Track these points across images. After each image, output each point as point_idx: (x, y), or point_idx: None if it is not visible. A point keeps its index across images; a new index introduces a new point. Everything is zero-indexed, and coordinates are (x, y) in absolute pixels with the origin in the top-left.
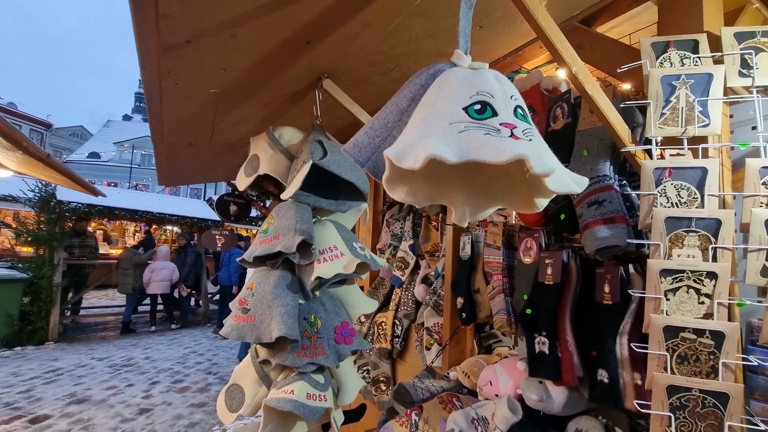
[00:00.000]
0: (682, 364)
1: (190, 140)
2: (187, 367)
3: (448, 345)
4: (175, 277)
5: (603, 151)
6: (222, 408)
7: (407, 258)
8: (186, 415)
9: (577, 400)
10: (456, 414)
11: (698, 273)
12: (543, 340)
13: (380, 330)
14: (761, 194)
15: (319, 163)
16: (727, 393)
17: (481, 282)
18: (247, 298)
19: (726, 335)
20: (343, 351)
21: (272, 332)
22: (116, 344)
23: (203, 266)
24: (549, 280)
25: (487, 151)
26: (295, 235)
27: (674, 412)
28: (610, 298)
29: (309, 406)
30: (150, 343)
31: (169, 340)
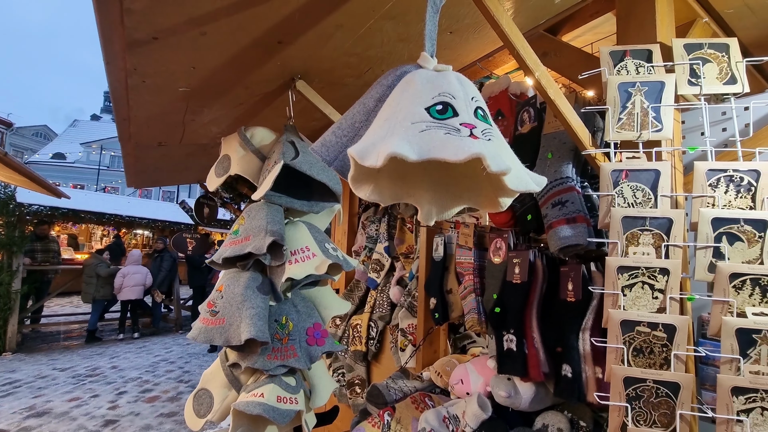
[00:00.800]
0: (637, 356)
1: (159, 140)
2: (157, 375)
3: (421, 345)
4: (148, 282)
5: (566, 154)
6: (190, 414)
7: (382, 260)
8: (155, 426)
9: (543, 396)
10: (428, 413)
11: (652, 269)
12: (511, 337)
13: (355, 332)
14: (708, 195)
15: (291, 164)
16: (679, 383)
17: (453, 282)
18: (215, 300)
19: (677, 328)
20: (314, 353)
21: (241, 334)
22: (80, 354)
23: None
24: (517, 279)
25: (447, 150)
26: (266, 236)
27: (630, 403)
28: (573, 296)
29: (279, 409)
30: (117, 351)
31: (138, 348)
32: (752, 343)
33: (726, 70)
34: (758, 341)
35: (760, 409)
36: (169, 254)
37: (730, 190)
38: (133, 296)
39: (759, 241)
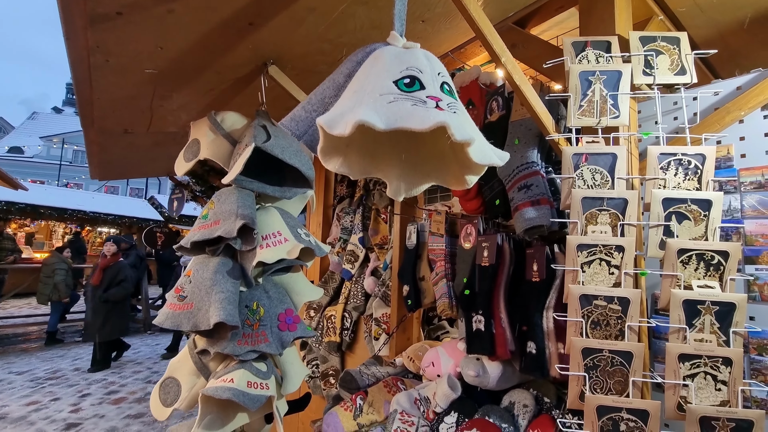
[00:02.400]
0: (595, 329)
1: (125, 127)
2: (124, 377)
3: (395, 333)
4: None
5: (531, 140)
6: (156, 403)
7: (357, 251)
8: (121, 428)
9: (510, 375)
10: (399, 395)
11: (609, 247)
12: (479, 318)
13: (329, 323)
14: (659, 177)
15: (263, 147)
16: (632, 352)
17: (426, 270)
18: (183, 285)
19: (631, 301)
20: (286, 338)
21: (210, 319)
22: (40, 356)
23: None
24: (485, 262)
25: (413, 120)
26: (237, 220)
27: (588, 372)
28: (537, 276)
29: (249, 394)
30: (80, 353)
31: None
32: (697, 313)
33: (677, 62)
34: (702, 311)
35: (704, 373)
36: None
37: (679, 172)
38: None
39: (704, 219)
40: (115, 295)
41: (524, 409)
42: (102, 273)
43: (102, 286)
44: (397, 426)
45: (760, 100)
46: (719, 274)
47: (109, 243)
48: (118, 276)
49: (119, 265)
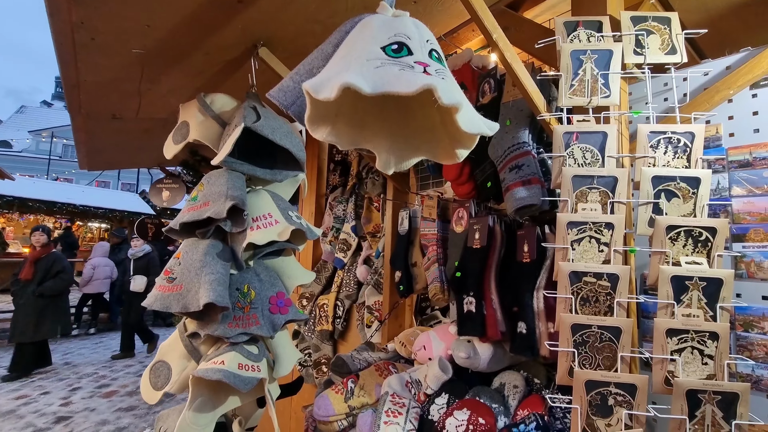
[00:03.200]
0: (584, 305)
1: (113, 112)
2: (115, 371)
3: (387, 320)
4: (114, 275)
5: (523, 121)
6: (146, 387)
7: (349, 240)
8: (112, 420)
9: (501, 356)
10: (390, 378)
11: (598, 224)
12: (471, 300)
13: (322, 312)
14: (649, 156)
15: (252, 127)
16: (620, 327)
17: (418, 255)
18: (173, 267)
19: (620, 277)
20: (278, 321)
21: (200, 300)
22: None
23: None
24: (476, 244)
25: (400, 83)
26: (226, 201)
27: (577, 348)
28: (528, 257)
29: (240, 376)
30: (71, 347)
31: (94, 344)
32: (685, 289)
33: (667, 42)
34: (690, 287)
35: (691, 348)
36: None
37: (668, 151)
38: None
39: (692, 197)
40: (52, 288)
41: (514, 390)
42: (33, 266)
43: (35, 280)
44: (388, 407)
45: (749, 78)
46: (707, 250)
47: (38, 232)
48: (53, 267)
49: (53, 256)
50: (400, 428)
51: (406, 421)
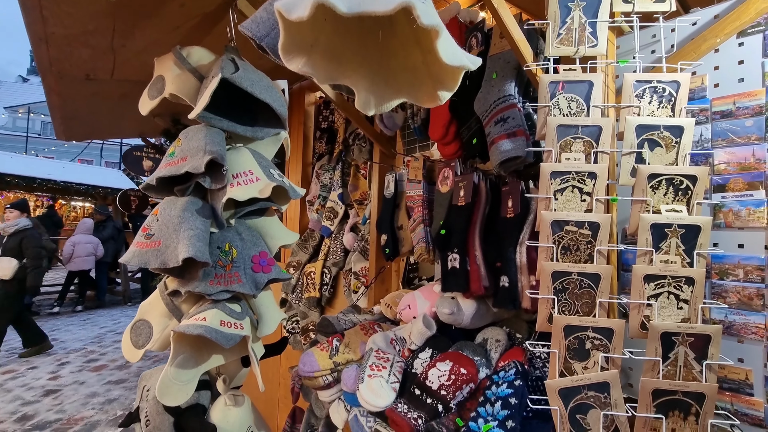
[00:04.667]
0: (565, 254)
1: (87, 72)
2: (104, 346)
3: (373, 284)
4: (99, 252)
5: (509, 73)
6: (127, 345)
7: (336, 208)
8: (102, 393)
9: (484, 313)
10: (375, 336)
11: (581, 174)
12: (455, 256)
13: (309, 280)
14: (634, 105)
15: (230, 78)
16: (600, 274)
17: (404, 219)
18: (151, 224)
19: (601, 225)
20: (260, 279)
21: (179, 255)
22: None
23: (123, 242)
24: (461, 201)
25: (377, 3)
26: (204, 155)
27: (557, 295)
28: (512, 211)
29: (223, 332)
30: (57, 324)
31: (82, 321)
32: (664, 236)
33: None
34: (669, 234)
35: (667, 293)
36: (112, 223)
37: (653, 100)
38: (86, 267)
39: (675, 146)
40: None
41: (496, 344)
42: None
43: None
44: (373, 362)
45: (737, 25)
46: (687, 198)
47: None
48: None
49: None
50: (384, 381)
51: (390, 374)
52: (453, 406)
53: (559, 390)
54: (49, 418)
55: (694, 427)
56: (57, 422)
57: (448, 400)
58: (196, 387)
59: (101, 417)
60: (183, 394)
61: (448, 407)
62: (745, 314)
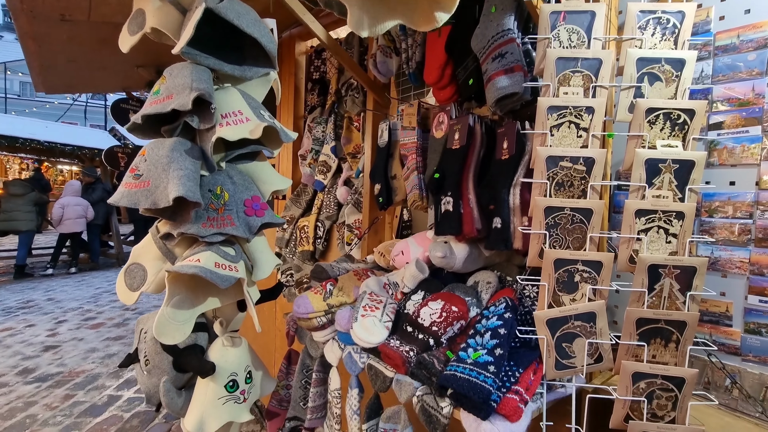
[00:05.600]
0: (559, 190)
1: (61, 11)
2: (100, 305)
3: (366, 234)
4: (90, 215)
5: (509, 6)
6: (122, 288)
7: (329, 161)
8: (101, 348)
9: (476, 257)
10: (368, 280)
11: (579, 108)
12: (448, 200)
13: (302, 234)
14: (636, 38)
15: (215, 8)
16: (592, 209)
17: (397, 168)
18: (138, 164)
19: (596, 160)
20: (253, 223)
21: (169, 194)
22: (9, 289)
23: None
24: (456, 145)
25: None
26: (191, 92)
27: (549, 230)
28: (507, 153)
29: (217, 273)
30: (52, 285)
31: (77, 282)
32: (657, 172)
33: None
34: (663, 170)
35: (657, 227)
36: (101, 186)
37: (656, 32)
38: (78, 229)
39: (675, 80)
40: None
41: (487, 286)
42: None
43: None
44: (366, 303)
45: None
46: (683, 133)
47: None
48: None
49: None
50: (377, 320)
51: (383, 314)
52: (444, 341)
53: (547, 320)
54: (50, 371)
55: (674, 354)
56: (58, 375)
57: (439, 335)
58: (194, 329)
59: (102, 370)
60: (180, 334)
61: (439, 342)
62: (731, 249)
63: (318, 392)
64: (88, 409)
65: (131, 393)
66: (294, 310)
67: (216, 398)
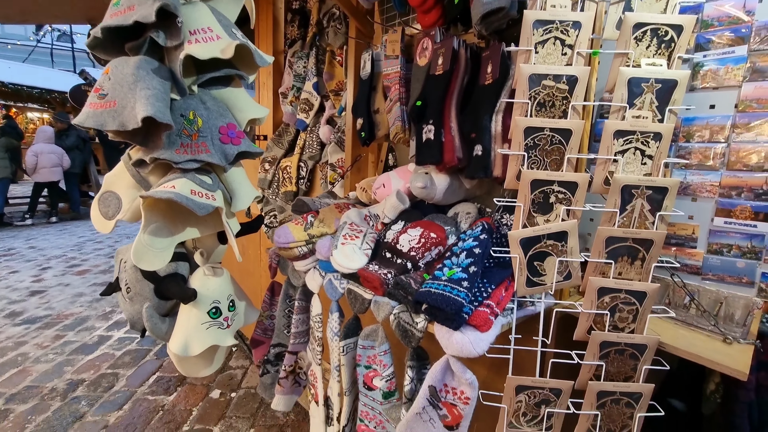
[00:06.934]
0: (540, 110)
1: None
2: (85, 253)
3: (349, 171)
4: (66, 163)
5: None
6: (97, 217)
7: (311, 99)
8: (88, 293)
9: (456, 188)
10: (350, 211)
11: (565, 23)
12: (430, 128)
13: (285, 174)
14: None
15: None
16: (571, 129)
17: (380, 102)
18: (103, 83)
19: (579, 79)
20: (229, 151)
21: (138, 115)
22: None
23: (90, 153)
24: (439, 70)
25: None
26: (154, 2)
27: (527, 151)
28: (491, 77)
29: (194, 199)
30: (33, 234)
31: (59, 231)
32: (640, 92)
33: None
34: (645, 89)
35: (634, 149)
36: (76, 132)
37: None
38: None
39: None
40: None
41: (467, 216)
42: None
43: None
44: (346, 232)
45: None
46: (669, 51)
47: None
48: None
49: None
50: (357, 247)
51: (362, 242)
52: (421, 266)
53: (521, 239)
54: (38, 314)
55: (639, 271)
56: (47, 317)
57: (417, 260)
58: (174, 259)
59: (91, 313)
60: (159, 260)
61: (416, 266)
62: (703, 173)
63: (300, 319)
64: (79, 348)
65: (121, 333)
66: (274, 239)
67: (199, 323)
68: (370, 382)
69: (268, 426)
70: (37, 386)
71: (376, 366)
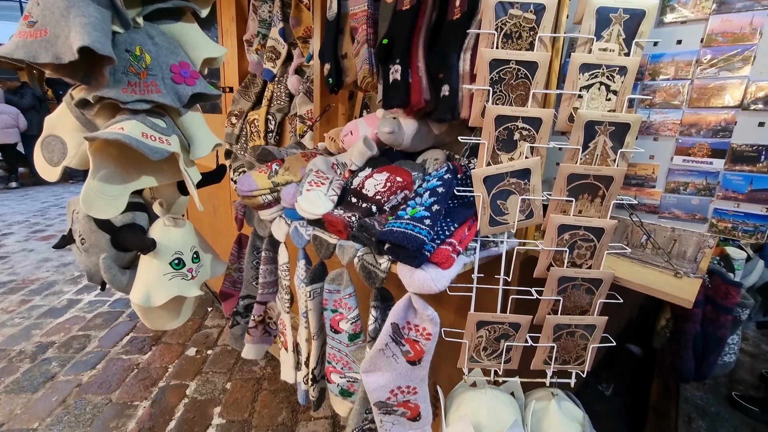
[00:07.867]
0: (506, 42)
1: None
2: (49, 218)
3: (318, 122)
4: (22, 124)
5: None
6: (41, 163)
7: (278, 47)
8: (55, 258)
9: (425, 134)
10: (316, 159)
11: None
12: (396, 68)
13: (253, 128)
14: None
15: None
16: (537, 62)
17: (348, 46)
18: (31, 9)
19: (546, 7)
20: (183, 91)
21: (72, 44)
22: None
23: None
24: (406, 5)
25: None
26: None
27: (493, 86)
28: (459, 11)
29: (145, 142)
30: None
31: (19, 197)
32: (608, 23)
33: None
34: (613, 20)
35: (599, 84)
36: (30, 91)
37: None
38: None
39: None
40: None
41: (435, 162)
42: None
43: None
44: (311, 179)
45: None
46: None
47: None
48: None
49: None
50: (323, 193)
51: (328, 189)
52: (387, 209)
53: (484, 178)
54: (2, 280)
55: (599, 209)
56: (11, 282)
57: (382, 203)
58: (131, 208)
59: (58, 277)
60: (112, 209)
61: (382, 210)
62: (666, 111)
63: (268, 269)
64: (48, 312)
65: (92, 297)
66: (237, 188)
67: (161, 274)
68: (337, 326)
69: (244, 380)
70: (4, 349)
71: (342, 309)
